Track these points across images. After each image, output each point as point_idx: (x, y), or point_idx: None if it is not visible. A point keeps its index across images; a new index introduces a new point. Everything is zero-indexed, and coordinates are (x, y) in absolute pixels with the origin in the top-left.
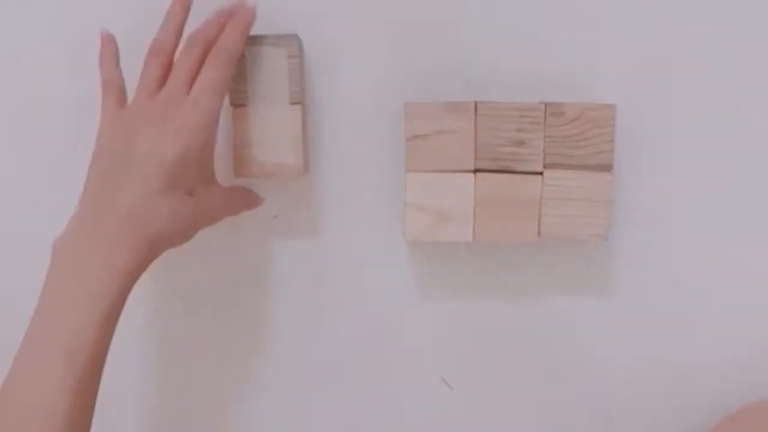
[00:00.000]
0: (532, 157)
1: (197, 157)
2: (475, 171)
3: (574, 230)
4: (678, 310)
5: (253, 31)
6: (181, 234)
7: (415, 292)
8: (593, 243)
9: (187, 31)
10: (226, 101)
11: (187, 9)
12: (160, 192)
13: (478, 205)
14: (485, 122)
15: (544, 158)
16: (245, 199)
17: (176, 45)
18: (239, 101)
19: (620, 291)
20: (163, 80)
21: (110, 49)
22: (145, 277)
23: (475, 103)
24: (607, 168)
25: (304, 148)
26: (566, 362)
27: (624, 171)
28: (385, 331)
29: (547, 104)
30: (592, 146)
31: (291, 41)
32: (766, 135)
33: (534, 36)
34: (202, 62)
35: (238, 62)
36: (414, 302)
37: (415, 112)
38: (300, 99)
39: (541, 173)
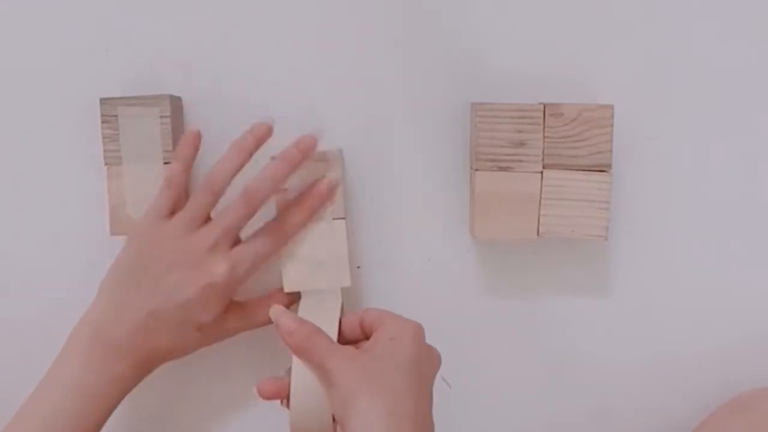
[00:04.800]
0: (531, 158)
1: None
2: (476, 170)
3: (573, 230)
4: (676, 309)
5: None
6: (181, 354)
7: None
8: (592, 243)
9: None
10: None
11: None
12: (171, 325)
13: (478, 203)
14: (484, 123)
15: (543, 159)
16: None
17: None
18: (113, 161)
19: (619, 291)
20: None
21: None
22: None
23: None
24: (606, 168)
25: None
26: (565, 362)
27: (623, 171)
28: None
29: (546, 105)
30: (590, 146)
31: (163, 101)
32: (765, 135)
33: (533, 37)
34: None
35: (111, 122)
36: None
37: None
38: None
39: (540, 173)
